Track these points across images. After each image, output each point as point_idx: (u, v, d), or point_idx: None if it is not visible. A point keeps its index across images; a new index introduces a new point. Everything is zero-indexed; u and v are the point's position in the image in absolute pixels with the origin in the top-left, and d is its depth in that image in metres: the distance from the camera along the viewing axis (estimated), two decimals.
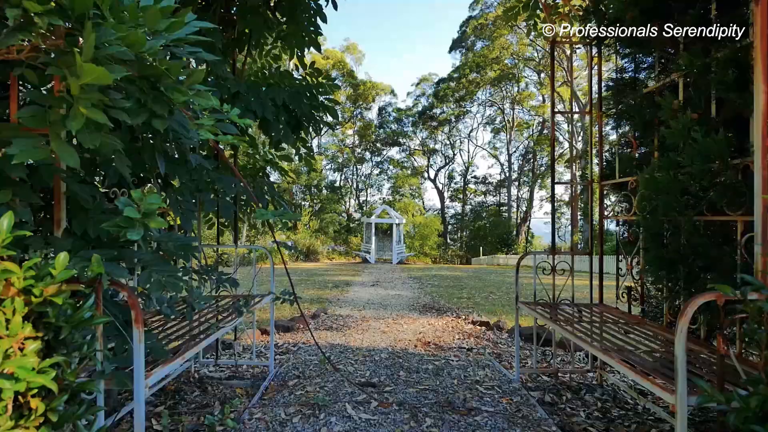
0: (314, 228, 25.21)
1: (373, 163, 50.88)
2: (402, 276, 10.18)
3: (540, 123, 45.70)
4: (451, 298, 5.47)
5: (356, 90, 38.61)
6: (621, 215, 2.02)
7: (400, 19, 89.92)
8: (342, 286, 7.17)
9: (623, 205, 1.94)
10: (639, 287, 1.97)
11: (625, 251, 2.03)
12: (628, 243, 1.97)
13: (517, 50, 38.99)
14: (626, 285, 2.07)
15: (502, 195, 52.17)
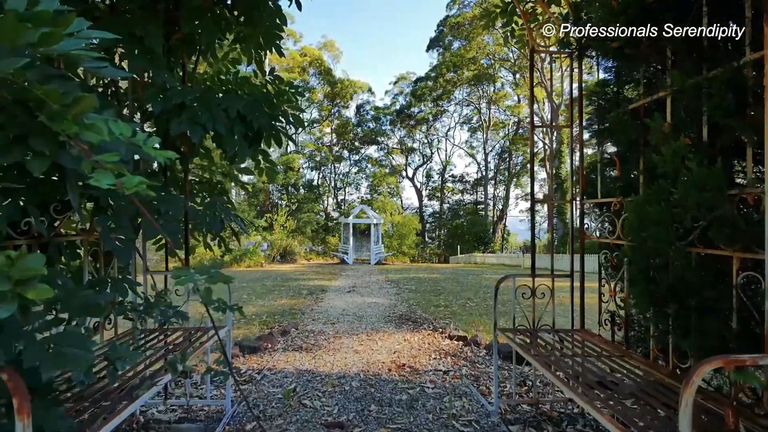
0: (291, 228, 24.75)
1: (351, 162, 50.58)
2: (379, 279, 10.02)
3: (515, 123, 46.48)
4: (428, 306, 5.34)
5: (334, 88, 38.18)
6: (604, 238, 1.91)
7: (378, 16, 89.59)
8: (317, 292, 6.94)
9: (606, 226, 1.83)
10: (622, 312, 1.86)
11: (607, 275, 1.93)
12: (611, 267, 1.86)
13: (493, 51, 39.48)
14: (609, 309, 1.96)
15: (479, 193, 52.92)
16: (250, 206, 25.73)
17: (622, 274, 1.76)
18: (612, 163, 1.84)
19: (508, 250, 45.86)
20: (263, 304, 5.66)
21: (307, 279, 9.70)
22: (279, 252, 20.52)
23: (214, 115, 1.70)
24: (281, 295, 6.54)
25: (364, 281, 9.42)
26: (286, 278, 9.90)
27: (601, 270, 2.00)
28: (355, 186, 51.77)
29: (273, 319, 4.51)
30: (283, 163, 31.02)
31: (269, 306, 5.43)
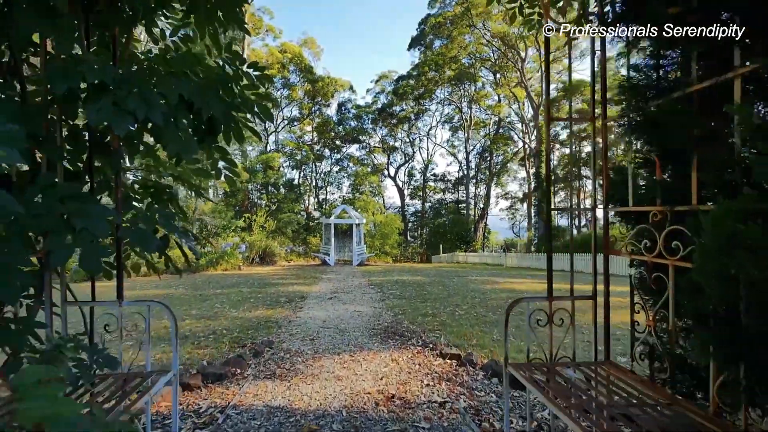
0: (271, 228, 24.08)
1: (333, 161, 50.06)
2: (362, 283, 9.63)
3: (496, 123, 46.84)
4: (415, 315, 4.99)
5: (314, 86, 37.50)
6: (638, 254, 1.59)
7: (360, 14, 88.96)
8: (296, 300, 6.50)
9: (643, 242, 1.51)
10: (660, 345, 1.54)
11: (642, 299, 1.60)
12: (650, 291, 1.54)
13: (474, 50, 39.59)
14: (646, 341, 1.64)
15: (460, 192, 53.22)
16: (227, 206, 24.90)
17: (665, 300, 1.45)
18: (649, 164, 1.52)
19: (489, 248, 46.26)
20: (237, 315, 5.19)
21: (286, 284, 9.22)
22: (258, 253, 19.89)
23: (147, 100, 1.29)
24: (257, 305, 6.07)
25: (346, 285, 9.02)
26: (264, 283, 9.40)
27: (633, 292, 1.67)
28: (337, 185, 51.25)
29: (246, 335, 4.06)
30: (263, 162, 30.22)
31: (243, 318, 4.97)
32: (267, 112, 1.77)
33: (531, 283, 8.89)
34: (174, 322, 1.68)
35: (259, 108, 1.73)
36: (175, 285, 9.17)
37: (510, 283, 8.83)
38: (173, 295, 7.29)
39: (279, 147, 40.31)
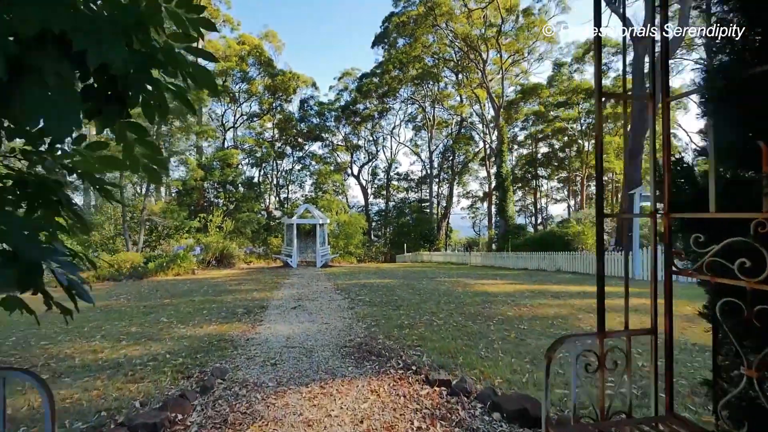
0: (229, 229, 22.81)
1: (295, 159, 48.77)
2: (327, 287, 9.05)
3: (458, 123, 47.47)
4: (389, 326, 4.52)
5: (275, 80, 36.17)
6: (725, 277, 1.19)
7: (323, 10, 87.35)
8: (255, 311, 5.83)
9: (738, 261, 1.11)
10: None
11: (735, 338, 1.20)
12: (748, 329, 1.15)
13: (437, 50, 39.80)
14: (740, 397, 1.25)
15: (423, 191, 53.58)
16: (181, 206, 23.31)
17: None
18: (742, 153, 1.13)
19: (452, 247, 46.87)
20: (185, 333, 4.49)
21: (244, 290, 8.47)
22: (215, 256, 18.69)
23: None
24: (210, 318, 5.36)
25: (310, 291, 8.41)
26: (220, 290, 8.59)
27: (716, 329, 1.28)
28: (299, 184, 49.98)
29: (194, 360, 3.41)
30: (220, 159, 28.66)
31: (192, 337, 4.29)
32: (206, 76, 1.22)
33: (502, 285, 8.70)
34: (48, 399, 1.06)
35: (193, 68, 1.18)
36: (117, 294, 8.16)
37: (481, 285, 8.59)
38: (111, 308, 6.38)
39: (237, 143, 38.53)
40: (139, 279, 12.32)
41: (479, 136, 46.55)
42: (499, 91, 38.98)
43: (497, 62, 38.90)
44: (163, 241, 19.80)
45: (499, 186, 34.05)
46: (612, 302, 5.70)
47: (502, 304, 5.89)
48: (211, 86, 1.25)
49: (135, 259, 13.69)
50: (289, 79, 36.33)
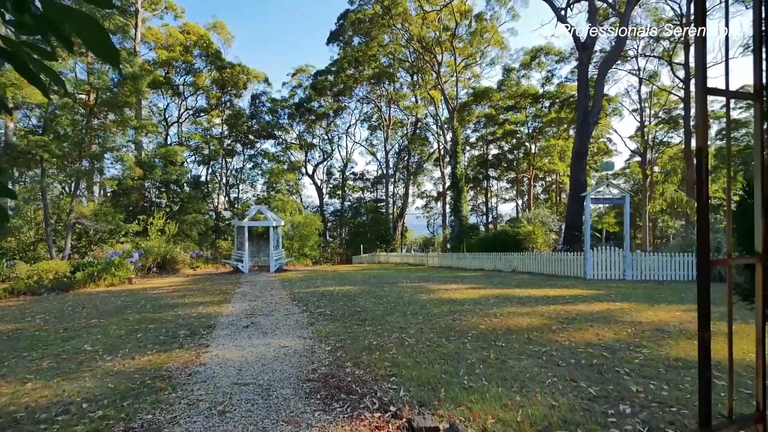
0: (173, 232, 21.13)
1: (246, 157, 46.77)
2: (283, 297, 8.41)
3: (413, 123, 47.84)
4: (356, 349, 4.07)
5: (223, 73, 34.26)
6: None
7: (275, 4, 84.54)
8: (200, 332, 5.13)
9: None
10: None
11: None
12: None
13: (393, 50, 39.74)
14: None
15: (379, 191, 53.48)
16: (116, 208, 21.26)
17: None
18: None
19: (407, 246, 47.12)
20: (111, 367, 3.75)
21: (189, 303, 7.62)
22: (156, 262, 17.20)
23: None
24: (145, 343, 4.61)
25: (264, 302, 7.74)
26: (160, 303, 7.67)
27: None
28: (250, 183, 47.97)
29: (119, 412, 2.75)
30: (162, 156, 26.56)
31: (120, 373, 3.58)
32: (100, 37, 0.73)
33: (465, 290, 8.55)
34: None
35: (80, 20, 0.68)
36: (32, 314, 7.01)
37: (445, 291, 8.37)
38: (22, 333, 5.38)
39: (182, 140, 36.10)
40: (64, 291, 10.88)
41: (434, 137, 47.20)
42: (453, 94, 39.70)
43: (451, 65, 39.60)
44: (96, 246, 17.91)
45: (454, 186, 34.62)
46: (583, 308, 5.66)
47: (471, 314, 5.65)
48: (107, 54, 0.75)
49: (60, 268, 12.11)
50: (238, 73, 34.56)
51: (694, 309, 5.76)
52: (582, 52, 18.77)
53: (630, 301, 6.53)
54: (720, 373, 3.03)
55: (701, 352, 0.99)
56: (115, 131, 20.32)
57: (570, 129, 42.49)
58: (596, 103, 17.94)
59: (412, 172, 51.52)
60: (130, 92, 18.30)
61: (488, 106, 44.97)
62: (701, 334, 0.98)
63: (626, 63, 35.79)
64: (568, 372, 3.12)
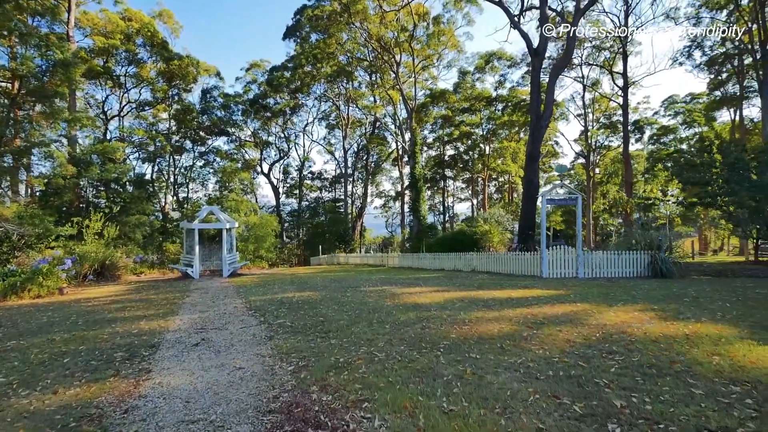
0: (113, 235, 19.41)
1: (196, 154, 44.46)
2: (238, 306, 7.84)
3: (372, 123, 47.69)
4: (322, 368, 3.73)
5: (170, 65, 32.16)
6: None
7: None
8: (141, 354, 4.54)
9: None
10: None
11: None
12: None
13: (351, 49, 39.30)
14: None
15: (338, 191, 52.81)
16: (45, 209, 19.20)
17: None
18: None
19: (366, 246, 46.90)
20: (28, 407, 3.14)
21: (130, 318, 6.86)
22: (93, 268, 15.71)
23: None
24: (74, 371, 3.97)
25: (217, 314, 7.14)
26: (94, 318, 6.84)
27: None
28: (201, 182, 45.68)
29: None
30: (100, 153, 24.40)
31: (38, 414, 2.99)
32: None
33: (429, 293, 8.41)
34: None
35: None
36: None
37: (409, 296, 8.18)
38: None
39: (124, 135, 33.48)
40: None
41: (392, 137, 47.31)
42: (411, 94, 39.97)
43: (409, 66, 39.83)
44: (20, 253, 16.04)
45: (413, 186, 34.84)
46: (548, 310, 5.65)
47: (439, 321, 5.47)
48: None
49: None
50: (187, 65, 32.61)
51: (649, 309, 5.95)
52: (534, 58, 19.41)
53: (589, 301, 6.67)
54: (695, 380, 3.02)
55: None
56: (44, 124, 18.35)
57: (521, 131, 44.25)
58: (548, 106, 18.62)
59: (371, 172, 51.35)
60: (61, 81, 16.56)
61: (445, 107, 45.79)
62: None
63: (572, 71, 37.77)
64: (548, 387, 2.98)
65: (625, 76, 33.23)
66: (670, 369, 3.25)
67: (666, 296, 7.15)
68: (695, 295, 7.19)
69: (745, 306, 5.93)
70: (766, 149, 13.66)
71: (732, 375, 3.08)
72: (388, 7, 33.63)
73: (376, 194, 55.85)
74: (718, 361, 3.41)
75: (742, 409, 2.53)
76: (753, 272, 11.82)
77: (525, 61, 39.06)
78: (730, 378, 3.02)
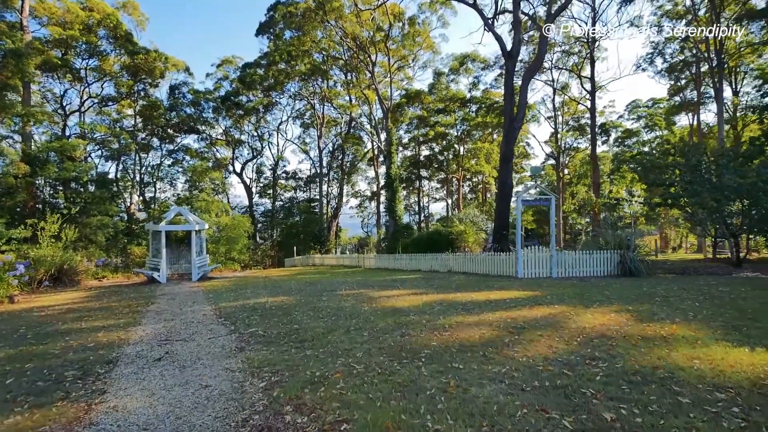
0: (72, 237, 18.32)
1: (164, 152, 42.78)
2: (207, 314, 7.44)
3: (347, 122, 47.30)
4: (297, 384, 3.48)
5: (135, 59, 30.72)
6: None
7: None
8: (95, 372, 4.14)
9: None
10: None
11: None
12: None
13: (327, 47, 38.81)
14: None
15: (313, 191, 52.07)
16: None
17: None
18: None
19: (342, 246, 46.47)
20: None
21: (86, 328, 6.36)
22: (49, 273, 14.73)
23: None
24: (16, 394, 3.55)
25: (184, 322, 6.74)
26: (46, 330, 6.30)
27: None
28: (170, 181, 43.94)
29: None
30: (57, 150, 22.99)
31: None
32: None
33: (407, 296, 8.27)
34: None
35: None
36: None
37: (387, 299, 8.01)
38: None
39: (85, 132, 31.73)
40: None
41: (368, 137, 47.06)
42: (386, 94, 39.85)
43: (385, 66, 39.72)
44: None
45: (389, 187, 34.73)
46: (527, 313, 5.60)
47: (418, 327, 5.32)
48: None
49: None
50: (154, 59, 31.25)
51: (624, 309, 6.02)
52: (508, 61, 19.66)
53: (566, 303, 6.69)
54: (679, 387, 2.98)
55: None
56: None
57: (495, 133, 45.01)
58: (521, 109, 18.89)
59: (347, 172, 50.90)
60: (13, 73, 15.42)
61: (420, 108, 45.97)
62: None
63: (542, 74, 38.74)
64: (536, 399, 2.87)
65: (593, 81, 34.35)
66: (654, 375, 3.21)
67: (638, 296, 7.29)
68: (665, 294, 7.36)
69: (712, 305, 6.08)
70: (724, 153, 14.32)
71: (714, 381, 3.06)
72: (363, 6, 33.37)
73: (352, 194, 55.43)
74: (699, 365, 3.41)
75: (730, 419, 2.49)
76: (713, 270, 12.34)
77: (498, 64, 39.77)
78: (713, 384, 2.99)
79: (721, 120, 29.31)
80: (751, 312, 5.49)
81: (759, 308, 5.74)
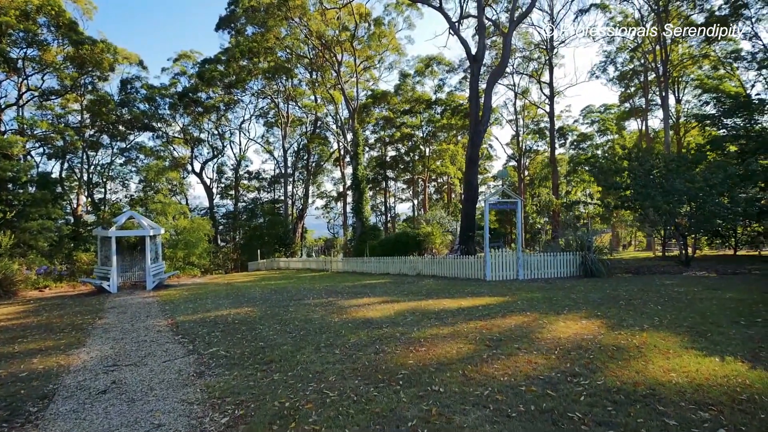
0: (7, 244, 16.73)
1: (115, 150, 40.23)
2: (162, 330, 6.86)
3: (313, 122, 46.43)
4: (265, 416, 3.14)
5: (81, 50, 28.56)
6: None
7: None
8: (25, 410, 3.57)
9: None
10: None
11: None
12: None
13: (291, 45, 37.87)
14: None
15: (277, 191, 50.70)
16: None
17: None
18: None
19: (307, 248, 45.53)
20: None
21: (19, 352, 5.64)
22: None
23: None
24: None
25: (136, 340, 6.15)
26: None
27: None
28: (122, 182, 41.40)
29: None
30: None
31: None
32: None
33: (378, 305, 8.04)
34: None
35: None
36: None
37: (358, 309, 7.74)
38: None
39: (23, 128, 29.14)
40: None
41: (334, 137, 46.43)
42: (352, 94, 39.45)
43: (351, 66, 39.32)
44: None
45: (356, 188, 34.36)
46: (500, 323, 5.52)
47: (393, 341, 5.10)
48: None
49: None
50: (102, 51, 29.20)
51: (593, 315, 6.09)
52: (473, 64, 19.91)
53: (537, 309, 6.71)
54: (663, 407, 2.93)
55: None
56: None
57: (459, 134, 45.74)
58: (486, 112, 19.18)
59: (312, 172, 50.00)
60: None
61: (386, 108, 45.92)
62: None
63: (504, 78, 39.78)
64: (522, 427, 2.71)
65: (551, 86, 35.68)
66: (636, 393, 3.15)
67: (603, 299, 7.46)
68: (627, 296, 7.58)
69: (674, 308, 6.29)
70: (675, 158, 15.17)
71: (695, 397, 3.05)
72: (329, 4, 32.82)
73: (318, 195, 54.53)
74: (677, 379, 3.40)
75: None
76: (665, 269, 13.00)
77: (462, 67, 40.41)
78: (695, 401, 2.97)
79: (667, 126, 31.31)
80: (710, 315, 5.70)
81: (716, 311, 5.99)
